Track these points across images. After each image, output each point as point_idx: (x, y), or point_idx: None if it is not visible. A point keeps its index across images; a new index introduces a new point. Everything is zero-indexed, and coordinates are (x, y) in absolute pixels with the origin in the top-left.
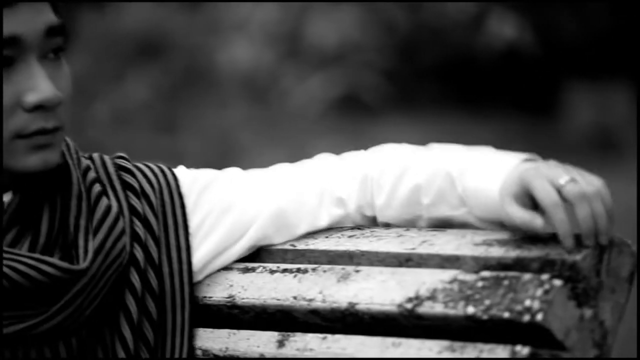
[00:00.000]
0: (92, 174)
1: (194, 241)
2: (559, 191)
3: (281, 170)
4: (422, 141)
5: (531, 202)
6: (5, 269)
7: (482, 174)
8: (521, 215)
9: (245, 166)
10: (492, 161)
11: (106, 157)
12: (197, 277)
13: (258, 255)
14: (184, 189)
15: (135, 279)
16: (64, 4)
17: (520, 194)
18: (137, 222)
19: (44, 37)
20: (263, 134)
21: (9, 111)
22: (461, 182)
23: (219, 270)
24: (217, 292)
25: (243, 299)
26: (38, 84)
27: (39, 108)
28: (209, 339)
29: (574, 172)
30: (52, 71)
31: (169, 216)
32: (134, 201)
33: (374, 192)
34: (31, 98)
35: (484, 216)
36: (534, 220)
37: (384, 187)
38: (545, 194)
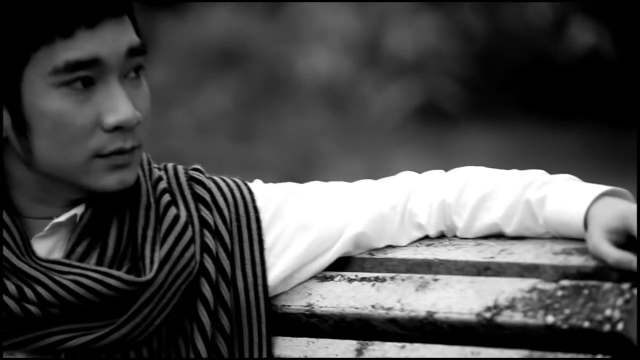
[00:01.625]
0: (162, 185)
1: (270, 257)
2: None
3: (364, 189)
4: (501, 150)
5: (621, 239)
6: (71, 284)
7: (563, 204)
8: (618, 256)
9: (323, 175)
10: (572, 190)
11: (179, 168)
12: (274, 292)
13: (336, 263)
14: (260, 204)
15: (206, 290)
16: (146, 12)
17: (618, 230)
18: (207, 234)
19: (125, 57)
20: (342, 143)
21: (90, 131)
22: (541, 211)
23: None
24: (295, 301)
25: (321, 307)
26: (118, 105)
27: (118, 129)
28: (288, 347)
29: None
30: (132, 90)
31: (244, 230)
32: (205, 213)
33: (454, 219)
34: (111, 119)
35: (566, 236)
36: (632, 263)
37: (464, 215)
38: None
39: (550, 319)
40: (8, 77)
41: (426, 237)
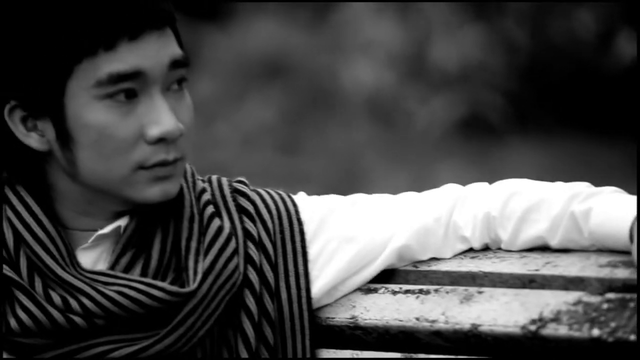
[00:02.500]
0: (206, 196)
1: (314, 269)
2: None
3: (408, 201)
4: (546, 163)
5: None
6: (115, 295)
7: (608, 216)
8: None
9: (368, 188)
10: (618, 203)
11: (224, 180)
12: (318, 305)
13: (380, 275)
14: (304, 216)
15: (250, 302)
16: (190, 25)
17: None
18: (251, 246)
19: (168, 70)
20: (386, 156)
21: (133, 143)
22: (586, 224)
23: None
24: (339, 313)
25: (366, 320)
26: (161, 117)
27: (161, 141)
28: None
29: None
30: (175, 102)
31: (288, 243)
32: (249, 225)
33: (498, 232)
34: (154, 131)
35: (612, 249)
36: None
37: (508, 227)
38: None
39: (595, 332)
40: (52, 89)
41: (470, 250)
